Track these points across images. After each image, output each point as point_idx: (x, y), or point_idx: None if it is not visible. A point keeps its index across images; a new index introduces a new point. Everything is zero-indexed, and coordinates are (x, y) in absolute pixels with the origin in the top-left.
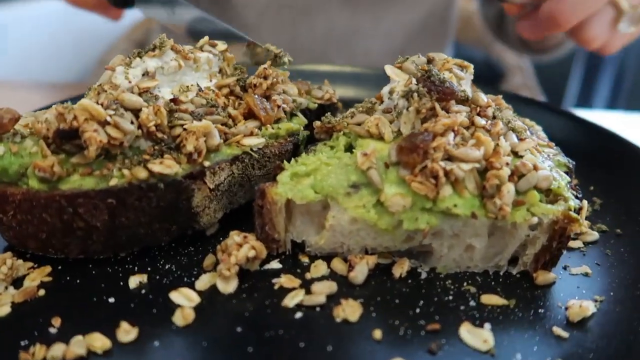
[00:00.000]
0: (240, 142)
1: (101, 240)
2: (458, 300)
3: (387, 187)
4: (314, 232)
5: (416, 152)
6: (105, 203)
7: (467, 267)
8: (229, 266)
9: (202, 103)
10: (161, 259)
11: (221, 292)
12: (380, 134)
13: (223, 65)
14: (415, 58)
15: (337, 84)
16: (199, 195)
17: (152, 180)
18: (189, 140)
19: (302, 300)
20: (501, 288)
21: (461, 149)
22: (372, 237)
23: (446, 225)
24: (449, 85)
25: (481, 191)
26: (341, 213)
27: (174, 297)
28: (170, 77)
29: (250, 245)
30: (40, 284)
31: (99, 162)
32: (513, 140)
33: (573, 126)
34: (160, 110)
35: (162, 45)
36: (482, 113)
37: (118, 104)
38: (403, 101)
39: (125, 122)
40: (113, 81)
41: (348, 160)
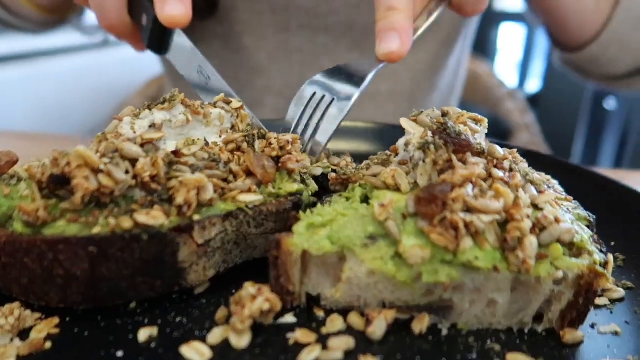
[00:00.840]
0: (235, 197)
1: (81, 291)
2: (482, 358)
3: (405, 239)
4: (329, 285)
5: (435, 203)
6: (86, 251)
7: (489, 323)
8: (242, 319)
9: (204, 157)
10: (172, 310)
11: (234, 347)
12: (396, 185)
13: (236, 122)
14: (430, 111)
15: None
16: (186, 250)
17: (136, 230)
18: (180, 192)
19: (319, 356)
20: (527, 346)
21: (480, 200)
22: (390, 291)
23: (467, 279)
24: (465, 138)
25: (502, 244)
26: (358, 265)
27: (185, 352)
28: (178, 130)
29: (265, 297)
30: (47, 336)
31: (89, 209)
32: (532, 193)
33: (588, 182)
34: (157, 161)
35: (172, 99)
36: (499, 165)
37: (116, 152)
38: (419, 153)
39: (118, 171)
40: (119, 131)
41: (365, 211)
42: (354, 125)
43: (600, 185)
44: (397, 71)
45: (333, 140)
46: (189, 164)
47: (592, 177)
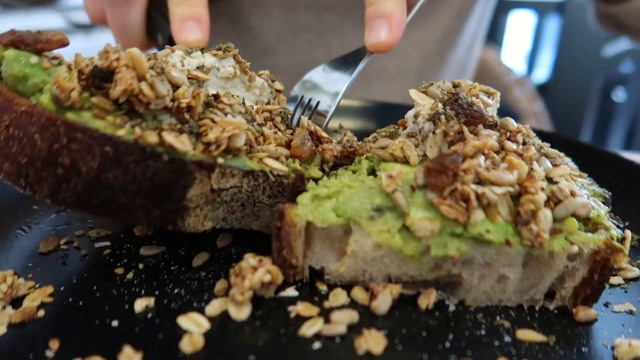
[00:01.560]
0: (263, 159)
1: (77, 190)
2: (491, 335)
3: (413, 211)
4: (333, 259)
5: (445, 173)
6: (101, 149)
7: (499, 300)
8: (242, 291)
9: (241, 111)
10: (170, 282)
11: (233, 318)
12: (405, 157)
13: (274, 102)
14: (441, 83)
15: (348, 116)
16: (197, 188)
17: (160, 149)
18: (214, 130)
19: (321, 329)
20: (538, 324)
21: (493, 172)
22: (396, 265)
23: (477, 253)
24: (477, 109)
25: (515, 217)
26: (364, 238)
27: (182, 322)
28: (222, 82)
29: (265, 269)
30: (41, 305)
31: (117, 113)
32: (547, 166)
33: (602, 161)
34: (199, 94)
35: (228, 49)
36: (512, 138)
37: (163, 72)
38: (429, 125)
39: (162, 85)
40: (168, 59)
41: (372, 183)
42: (357, 105)
43: (614, 164)
44: (406, 48)
45: (334, 119)
46: (225, 111)
47: (606, 156)
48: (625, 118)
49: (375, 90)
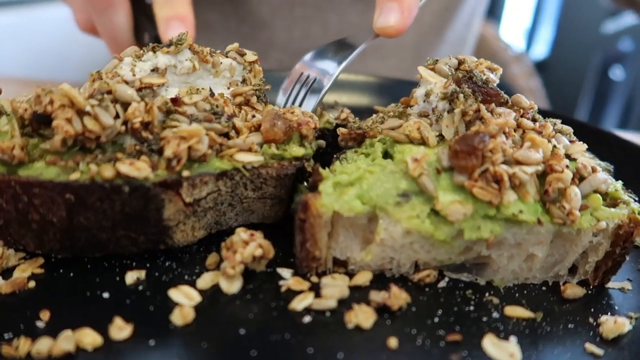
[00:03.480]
0: (233, 155)
1: (58, 238)
2: (480, 311)
3: (441, 195)
4: (358, 248)
5: (474, 154)
6: (63, 198)
7: (525, 278)
8: (233, 264)
9: (206, 108)
10: (161, 255)
11: (224, 292)
12: (422, 138)
13: (249, 77)
14: (447, 59)
15: (346, 91)
16: (171, 207)
17: (118, 181)
18: (171, 144)
19: (311, 303)
20: (526, 300)
21: (521, 150)
22: (425, 251)
23: (509, 234)
24: (493, 87)
25: (542, 196)
26: (393, 225)
27: (173, 295)
28: (183, 77)
29: (257, 243)
30: (31, 276)
31: (72, 153)
32: (565, 143)
33: (597, 139)
34: (152, 107)
35: (180, 42)
36: (525, 115)
37: (107, 94)
38: (443, 103)
39: (106, 115)
40: (117, 71)
41: (393, 167)
42: (354, 79)
43: (609, 143)
44: None
45: (334, 94)
46: (187, 114)
47: (601, 134)
48: (622, 97)
49: (373, 66)
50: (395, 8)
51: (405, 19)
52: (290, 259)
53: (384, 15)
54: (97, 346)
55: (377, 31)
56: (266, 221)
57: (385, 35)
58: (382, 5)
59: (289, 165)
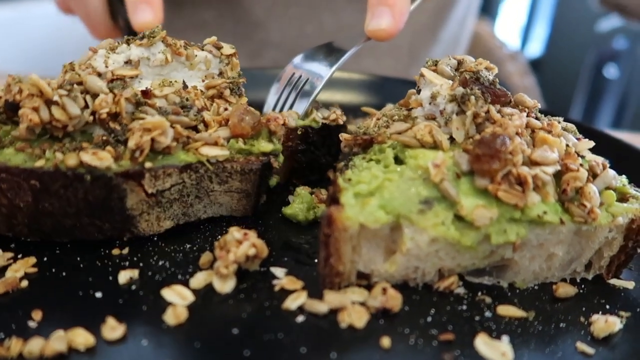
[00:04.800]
0: (198, 149)
1: (25, 223)
2: (472, 310)
3: (463, 199)
4: (381, 259)
5: (497, 157)
6: (28, 184)
7: (544, 277)
8: (226, 264)
9: (175, 101)
10: (155, 254)
11: (217, 291)
12: (435, 142)
13: (225, 69)
14: (447, 60)
15: (340, 89)
16: (134, 197)
17: (80, 170)
18: (134, 135)
19: (305, 303)
20: (518, 299)
21: (538, 151)
22: (451, 257)
23: (533, 235)
24: (500, 87)
25: (560, 195)
26: (419, 234)
27: (166, 295)
28: (157, 70)
29: (250, 242)
30: (24, 275)
31: (42, 140)
32: (573, 141)
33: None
34: (120, 99)
35: (152, 35)
36: (530, 114)
37: (75, 85)
38: (452, 106)
39: (73, 105)
40: (91, 63)
41: (411, 174)
42: (348, 77)
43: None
44: None
45: (327, 92)
46: (156, 106)
47: (594, 134)
48: (616, 95)
49: (367, 66)
50: (386, 12)
51: (396, 23)
52: (284, 257)
53: (375, 19)
54: (90, 346)
55: (368, 34)
56: (235, 214)
57: (376, 39)
58: (373, 8)
59: (256, 160)
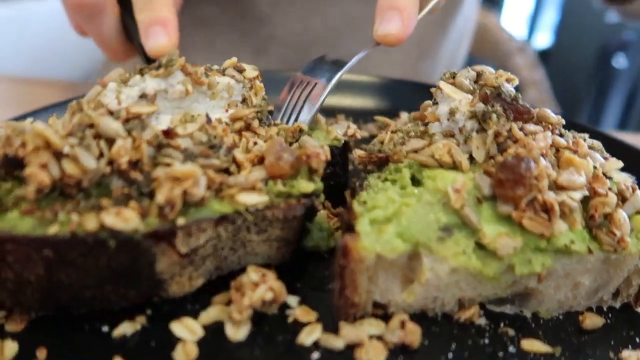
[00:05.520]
0: (234, 197)
1: (36, 297)
2: (495, 344)
3: (485, 226)
4: (398, 289)
5: (522, 183)
6: (40, 254)
7: (570, 306)
8: (241, 309)
9: (202, 140)
10: None
11: (229, 338)
12: (455, 163)
13: (249, 95)
14: (465, 72)
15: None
16: (165, 260)
17: (102, 234)
18: (163, 188)
19: (320, 338)
20: (543, 331)
21: (564, 174)
22: (472, 287)
23: (559, 265)
24: (523, 103)
25: (587, 221)
26: (439, 263)
27: (175, 329)
28: (176, 102)
29: (268, 285)
30: None
31: (51, 198)
32: (600, 160)
33: None
34: (140, 145)
35: (170, 63)
36: (554, 131)
37: (88, 129)
38: (472, 123)
39: (87, 156)
40: (101, 100)
41: (429, 198)
42: (357, 79)
43: None
44: None
45: (335, 97)
46: (181, 148)
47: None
48: (625, 85)
49: (375, 62)
50: (396, 16)
51: (406, 28)
52: (297, 284)
53: (384, 24)
54: None
55: (378, 39)
56: (272, 262)
57: (385, 44)
58: (383, 13)
59: (297, 204)
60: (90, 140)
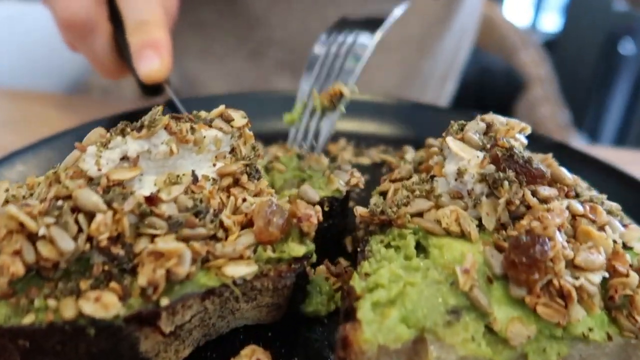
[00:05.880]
0: (221, 269)
1: None
2: None
3: (496, 309)
4: None
5: (537, 267)
6: (15, 344)
7: None
8: None
9: (187, 206)
10: None
11: None
12: (463, 232)
13: (238, 144)
14: (474, 124)
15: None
16: (148, 342)
17: (81, 321)
18: (145, 268)
19: None
20: None
21: (582, 254)
22: None
23: (575, 351)
24: (537, 166)
25: (606, 302)
26: (446, 351)
27: None
28: (160, 162)
29: None
30: None
31: (27, 280)
32: (620, 230)
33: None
34: (122, 218)
35: (153, 124)
36: (569, 194)
37: (64, 202)
38: (481, 187)
39: (64, 237)
40: (80, 165)
41: (436, 276)
42: (360, 100)
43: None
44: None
45: None
46: (165, 216)
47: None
48: (632, 71)
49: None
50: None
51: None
52: (294, 357)
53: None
54: None
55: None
56: (262, 322)
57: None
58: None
59: (288, 269)
60: (67, 217)
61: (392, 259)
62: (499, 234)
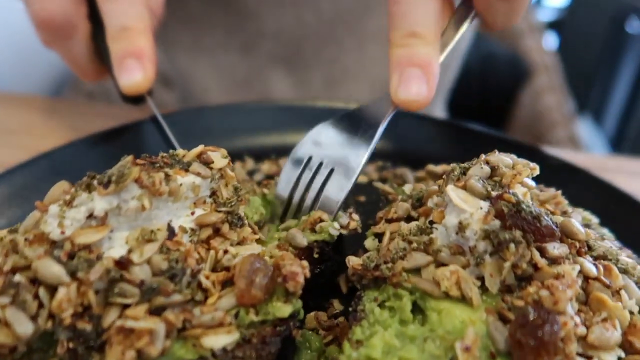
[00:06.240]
0: (199, 339)
1: None
2: None
3: None
4: None
5: (545, 350)
6: None
7: None
8: None
9: (162, 268)
10: None
11: None
12: (464, 296)
13: (219, 186)
14: (477, 170)
15: None
16: None
17: None
18: (113, 349)
19: None
20: None
21: (596, 330)
22: None
23: None
24: (546, 223)
25: None
26: None
27: None
28: (132, 216)
29: None
30: None
31: None
32: (637, 294)
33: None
34: (86, 291)
35: (122, 178)
36: (581, 250)
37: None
38: (484, 244)
39: (22, 319)
40: (42, 227)
41: (434, 348)
42: None
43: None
44: None
45: None
46: (137, 281)
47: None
48: (638, 51)
49: (372, 54)
50: (418, 74)
51: (431, 88)
52: None
53: (405, 85)
54: None
55: (398, 102)
56: None
57: (408, 109)
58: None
59: (272, 333)
60: (25, 294)
61: (387, 324)
62: (503, 298)
